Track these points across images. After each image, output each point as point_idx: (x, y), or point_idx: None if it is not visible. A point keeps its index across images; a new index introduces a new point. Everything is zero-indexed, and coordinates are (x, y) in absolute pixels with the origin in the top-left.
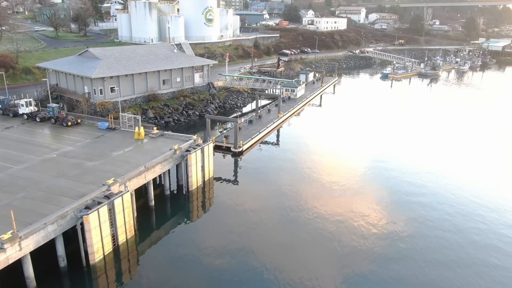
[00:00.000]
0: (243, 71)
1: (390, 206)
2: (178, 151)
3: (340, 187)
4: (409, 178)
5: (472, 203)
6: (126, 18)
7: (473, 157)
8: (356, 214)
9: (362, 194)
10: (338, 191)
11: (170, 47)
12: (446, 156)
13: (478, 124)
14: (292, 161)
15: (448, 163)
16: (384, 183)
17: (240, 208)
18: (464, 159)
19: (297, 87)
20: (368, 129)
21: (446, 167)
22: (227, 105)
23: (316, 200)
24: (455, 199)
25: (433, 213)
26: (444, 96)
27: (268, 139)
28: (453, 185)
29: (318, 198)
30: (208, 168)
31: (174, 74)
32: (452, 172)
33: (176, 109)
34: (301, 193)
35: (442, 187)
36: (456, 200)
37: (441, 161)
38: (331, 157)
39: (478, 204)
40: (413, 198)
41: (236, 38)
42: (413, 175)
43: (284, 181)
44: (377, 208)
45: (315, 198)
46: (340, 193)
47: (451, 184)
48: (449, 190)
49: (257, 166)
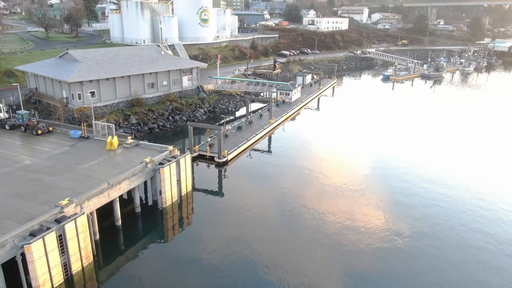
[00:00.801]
0: (237, 73)
1: (393, 220)
2: (150, 164)
3: (336, 201)
4: (410, 188)
5: (479, 206)
6: (118, 19)
7: (478, 160)
8: (352, 236)
9: (359, 211)
10: (333, 205)
11: (158, 49)
12: (449, 160)
13: (483, 127)
14: (283, 171)
15: (452, 167)
16: (384, 198)
17: (221, 225)
18: (468, 162)
19: (292, 91)
20: (368, 134)
21: (450, 170)
22: (217, 109)
23: (307, 215)
24: (460, 202)
25: (436, 217)
26: (447, 98)
27: (258, 146)
28: (458, 189)
29: (310, 213)
30: (186, 182)
31: (160, 77)
32: (457, 176)
33: (161, 114)
34: (291, 206)
35: (445, 190)
36: (461, 203)
37: (444, 165)
38: (326, 166)
39: (483, 206)
40: (414, 208)
41: (233, 39)
42: (414, 184)
43: (273, 193)
44: (379, 226)
45: (306, 213)
46: (336, 208)
47: (455, 187)
48: (453, 193)
49: (243, 177)
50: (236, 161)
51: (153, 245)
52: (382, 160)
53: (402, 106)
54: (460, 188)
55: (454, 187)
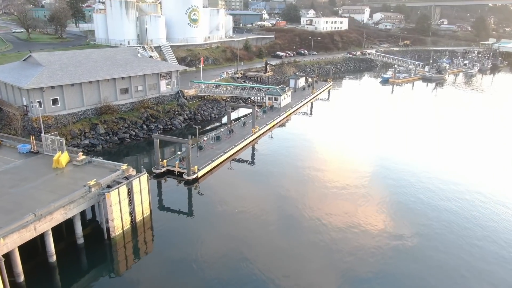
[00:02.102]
0: (225, 76)
1: None
2: (95, 187)
3: (325, 231)
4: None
5: (483, 208)
6: (102, 19)
7: (481, 163)
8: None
9: (352, 232)
10: (320, 226)
11: (134, 51)
12: (451, 167)
13: (487, 131)
14: (263, 189)
15: (454, 173)
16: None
17: (184, 253)
18: (472, 166)
19: (280, 95)
20: (362, 141)
21: (451, 175)
22: (198, 116)
23: (290, 244)
24: (464, 205)
25: (439, 219)
26: (449, 103)
27: (238, 159)
28: (461, 192)
29: (294, 242)
30: (142, 206)
31: (134, 82)
32: (460, 180)
33: (134, 122)
34: (269, 232)
35: (447, 194)
36: (465, 206)
37: (446, 171)
38: (314, 179)
39: (488, 209)
40: None
41: (225, 40)
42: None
43: (248, 216)
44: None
45: (289, 241)
46: (326, 239)
47: (458, 191)
48: (456, 196)
49: (215, 197)
50: (209, 177)
51: (98, 282)
52: (376, 173)
53: (401, 111)
54: (464, 191)
55: (456, 190)
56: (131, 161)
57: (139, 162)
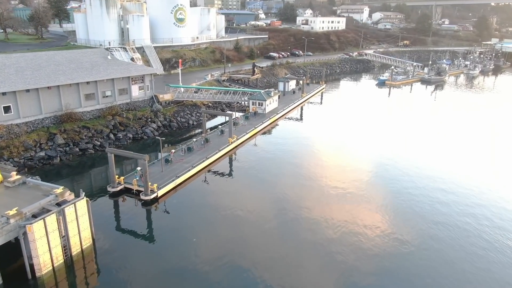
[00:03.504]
0: (210, 79)
1: None
2: (14, 218)
3: (309, 253)
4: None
5: (486, 211)
6: (82, 18)
7: (482, 167)
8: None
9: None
10: (299, 256)
11: (103, 53)
12: (449, 172)
13: (488, 135)
14: (237, 205)
15: (452, 178)
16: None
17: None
18: (471, 170)
19: (265, 100)
20: (354, 148)
21: (450, 179)
22: (174, 123)
23: (261, 274)
24: (465, 208)
25: (439, 222)
26: (449, 106)
27: (212, 172)
28: (462, 195)
29: (266, 274)
30: (80, 236)
31: (101, 87)
32: (461, 184)
33: (99, 131)
34: (243, 259)
35: (448, 197)
36: (466, 209)
37: (442, 176)
38: (297, 196)
39: (491, 211)
40: None
41: (215, 40)
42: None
43: (216, 241)
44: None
45: (260, 271)
46: (310, 264)
47: (459, 194)
48: (458, 199)
49: (177, 220)
50: (172, 196)
51: None
52: (368, 185)
53: (398, 116)
54: (465, 194)
55: (456, 193)
56: (87, 177)
57: (97, 178)
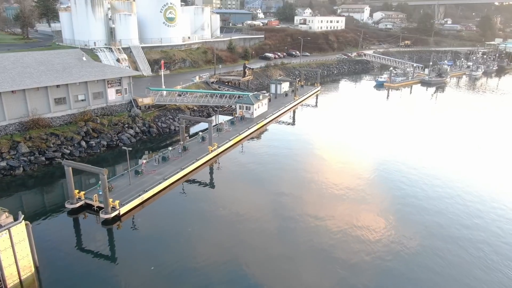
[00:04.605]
0: (197, 81)
1: None
2: None
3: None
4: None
5: (487, 215)
6: (67, 17)
7: (483, 168)
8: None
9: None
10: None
11: (78, 54)
12: (447, 177)
13: (488, 138)
14: (213, 223)
15: (451, 183)
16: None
17: None
18: (472, 172)
19: (253, 104)
20: (348, 154)
21: (449, 184)
22: (154, 129)
23: None
24: (467, 210)
25: (439, 225)
26: (450, 110)
27: (189, 182)
28: (464, 198)
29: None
30: (17, 266)
31: (73, 91)
32: (462, 188)
33: (69, 138)
34: None
35: (449, 200)
36: (467, 211)
37: (441, 181)
38: (283, 208)
39: (493, 215)
40: None
41: (207, 40)
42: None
43: (186, 266)
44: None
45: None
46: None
47: (461, 197)
48: (459, 203)
49: (141, 241)
50: (138, 213)
51: None
52: (363, 194)
53: (396, 120)
54: (465, 196)
55: (455, 196)
56: (48, 191)
57: (58, 192)
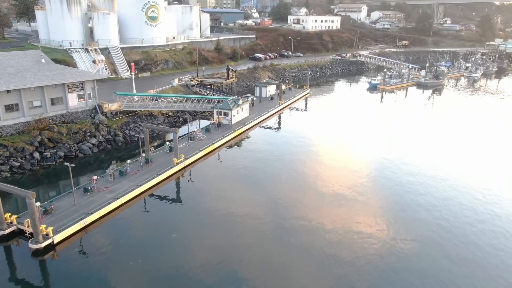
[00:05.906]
0: (176, 84)
1: None
2: None
3: None
4: None
5: (487, 216)
6: (43, 16)
7: (483, 169)
8: None
9: None
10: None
11: (36, 56)
12: (446, 181)
13: (487, 140)
14: (168, 250)
15: (451, 185)
16: None
17: None
18: (472, 174)
19: (231, 109)
20: (336, 163)
21: (449, 186)
22: (120, 137)
23: None
24: (468, 213)
25: (438, 226)
26: (446, 114)
27: (149, 199)
28: (464, 201)
29: None
30: None
31: (28, 96)
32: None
33: (20, 149)
34: None
35: (447, 202)
36: (468, 215)
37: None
38: (259, 227)
39: (493, 216)
40: None
41: (193, 41)
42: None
43: None
44: None
45: None
46: None
47: (457, 198)
48: (459, 205)
49: (77, 275)
50: (79, 240)
51: None
52: (353, 203)
53: (390, 124)
54: (465, 197)
55: (455, 197)
56: None
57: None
